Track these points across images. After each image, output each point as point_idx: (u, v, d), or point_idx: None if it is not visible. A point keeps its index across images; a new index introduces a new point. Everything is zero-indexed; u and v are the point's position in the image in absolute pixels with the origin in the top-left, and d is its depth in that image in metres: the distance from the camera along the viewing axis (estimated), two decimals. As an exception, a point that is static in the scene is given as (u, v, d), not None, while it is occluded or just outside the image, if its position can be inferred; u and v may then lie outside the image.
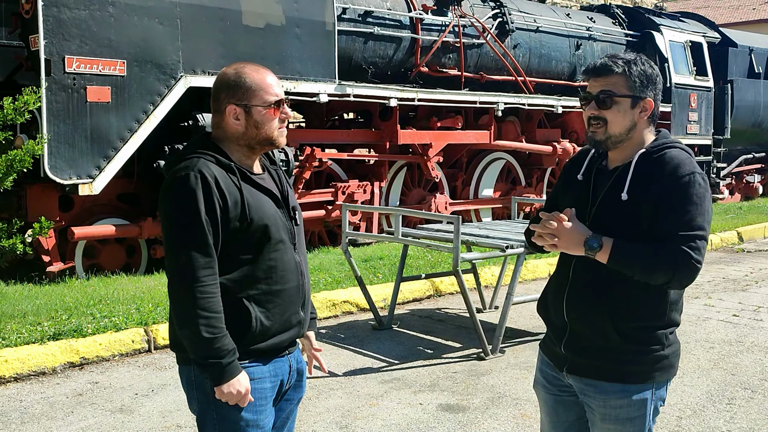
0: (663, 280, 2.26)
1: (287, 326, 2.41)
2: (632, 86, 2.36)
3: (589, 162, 2.49)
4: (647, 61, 2.41)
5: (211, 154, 2.32)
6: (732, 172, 16.24)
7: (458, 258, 5.50)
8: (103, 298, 6.27)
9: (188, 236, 2.23)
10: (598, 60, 2.43)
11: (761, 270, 9.07)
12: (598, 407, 2.41)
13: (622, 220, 2.32)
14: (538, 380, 2.61)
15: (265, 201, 2.37)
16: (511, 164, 11.95)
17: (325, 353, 5.61)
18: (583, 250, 2.31)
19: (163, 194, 2.30)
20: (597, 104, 2.37)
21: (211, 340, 2.20)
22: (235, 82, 2.37)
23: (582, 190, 2.45)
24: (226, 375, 2.23)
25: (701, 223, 2.27)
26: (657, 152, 2.36)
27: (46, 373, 5.10)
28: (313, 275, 7.43)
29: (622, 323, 2.33)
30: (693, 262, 2.23)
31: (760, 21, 31.56)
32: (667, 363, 2.40)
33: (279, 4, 8.31)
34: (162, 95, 7.40)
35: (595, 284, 2.36)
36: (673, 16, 15.12)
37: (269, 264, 2.35)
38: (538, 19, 11.94)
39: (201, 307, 2.20)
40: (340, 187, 9.51)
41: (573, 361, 2.43)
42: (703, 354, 5.65)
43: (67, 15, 6.80)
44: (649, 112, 2.39)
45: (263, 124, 2.38)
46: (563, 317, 2.43)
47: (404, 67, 10.25)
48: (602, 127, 2.37)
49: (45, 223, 6.14)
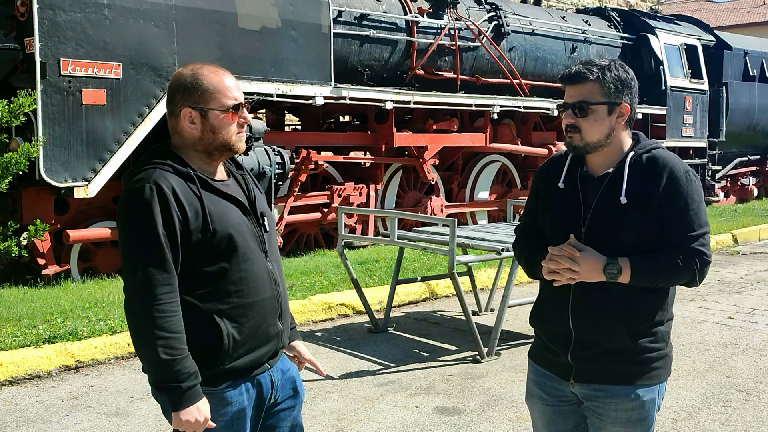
0: (685, 281, 2.34)
1: (265, 340, 2.29)
2: (607, 92, 2.36)
3: (569, 169, 2.47)
4: (621, 65, 2.42)
5: (167, 163, 2.20)
6: (727, 174, 16.29)
7: (454, 261, 5.51)
8: (99, 301, 6.26)
9: (145, 252, 2.11)
10: (573, 67, 2.42)
11: (756, 272, 9.10)
12: (609, 411, 2.39)
13: (620, 224, 2.33)
14: (534, 393, 2.57)
15: (230, 209, 2.25)
16: (506, 167, 11.97)
17: (321, 356, 5.62)
18: (604, 276, 2.31)
19: (119, 209, 2.19)
20: (573, 112, 2.38)
21: (170, 362, 2.08)
22: (191, 84, 2.25)
23: (569, 197, 2.43)
24: (185, 400, 2.10)
25: (704, 218, 2.35)
26: (646, 154, 2.39)
27: (41, 377, 5.09)
28: (309, 278, 7.42)
29: (634, 324, 2.35)
30: (706, 258, 2.32)
31: (755, 24, 31.65)
32: (669, 360, 2.44)
33: (275, 6, 8.32)
34: (158, 98, 7.40)
35: (601, 289, 2.35)
36: (668, 18, 15.16)
37: (239, 275, 2.22)
38: (533, 22, 11.97)
39: (159, 327, 2.07)
40: (335, 189, 9.51)
41: (581, 369, 2.41)
42: (698, 356, 5.66)
43: (62, 18, 6.79)
44: (626, 116, 2.41)
45: (220, 129, 2.25)
46: (568, 326, 2.40)
47: (400, 70, 10.27)
48: (578, 135, 2.38)
49: (40, 225, 6.13)
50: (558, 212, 2.42)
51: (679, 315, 6.89)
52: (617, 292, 2.34)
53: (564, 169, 2.47)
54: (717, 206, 15.23)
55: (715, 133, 15.13)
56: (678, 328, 6.45)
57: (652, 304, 2.37)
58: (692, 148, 14.75)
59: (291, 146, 8.92)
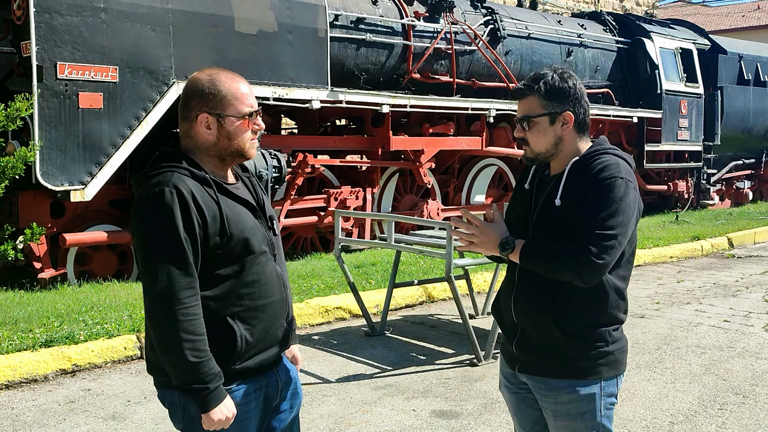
0: (568, 277, 2.35)
1: (273, 341, 2.35)
2: (545, 104, 2.46)
3: (534, 171, 2.62)
4: (562, 74, 2.49)
5: (184, 167, 2.22)
6: (722, 178, 16.33)
7: (451, 264, 5.52)
8: (95, 305, 6.25)
9: (167, 256, 2.12)
10: (520, 83, 2.56)
11: (751, 276, 9.12)
12: (550, 404, 2.50)
13: (556, 225, 2.43)
14: (501, 381, 2.72)
15: (244, 212, 2.29)
16: (502, 170, 11.99)
17: (318, 360, 5.62)
18: (497, 250, 2.45)
19: (136, 211, 2.19)
20: (521, 126, 2.51)
21: (197, 365, 2.11)
22: (209, 90, 2.27)
23: (527, 198, 2.58)
24: (213, 401, 2.14)
25: (613, 224, 2.33)
26: (590, 159, 2.46)
27: (37, 381, 5.08)
28: (306, 281, 7.42)
29: (564, 322, 2.42)
30: (593, 259, 2.31)
31: (750, 28, 31.76)
32: (613, 359, 2.47)
33: (271, 10, 8.33)
34: (154, 101, 7.40)
35: (537, 285, 2.45)
36: (663, 23, 15.20)
37: (252, 278, 2.27)
38: (529, 26, 12.00)
39: (185, 330, 2.10)
40: (332, 193, 9.51)
41: (524, 360, 2.53)
42: (695, 359, 5.68)
43: (59, 21, 6.79)
44: (570, 123, 2.48)
45: (236, 136, 2.29)
46: (512, 318, 2.54)
47: (396, 74, 10.28)
48: (528, 147, 2.52)
49: (37, 229, 6.13)
50: (518, 210, 2.59)
51: (675, 318, 6.91)
52: (546, 289, 2.43)
53: (531, 171, 2.64)
54: (712, 210, 15.27)
55: (710, 136, 15.17)
56: (674, 331, 6.46)
57: (582, 304, 2.41)
58: (687, 152, 14.79)
59: (288, 150, 8.93)
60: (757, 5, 35.70)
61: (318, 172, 9.40)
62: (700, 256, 10.65)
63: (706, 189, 15.49)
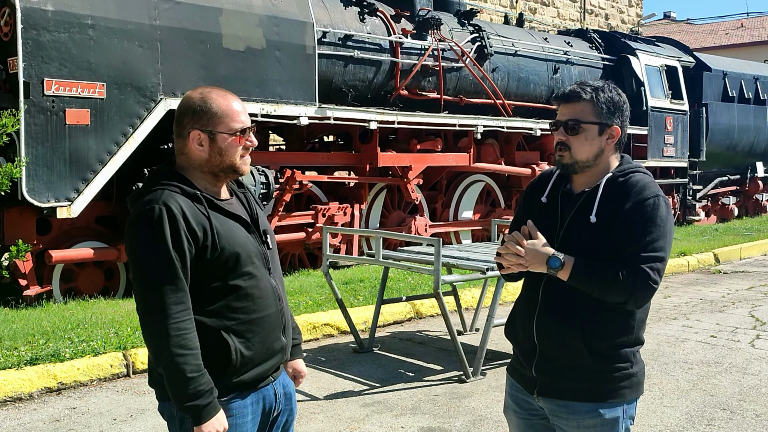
0: (621, 299, 2.32)
1: (270, 354, 2.37)
2: (599, 113, 2.42)
3: (553, 185, 2.54)
4: (615, 88, 2.47)
5: (175, 184, 2.27)
6: (708, 194, 16.45)
7: (439, 280, 5.52)
8: (81, 322, 6.21)
9: (158, 273, 2.17)
10: (568, 87, 2.49)
11: (738, 291, 9.16)
12: (572, 428, 2.43)
13: (589, 242, 2.38)
14: (509, 405, 2.63)
15: (236, 228, 2.32)
16: (490, 186, 12.02)
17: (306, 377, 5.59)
18: (545, 267, 2.36)
19: (129, 230, 2.24)
20: (565, 130, 2.43)
21: (190, 380, 2.15)
22: (200, 107, 2.31)
23: (548, 212, 2.51)
24: (206, 415, 2.18)
25: (662, 245, 2.33)
26: (623, 176, 2.43)
27: (22, 399, 5.03)
28: (294, 298, 7.40)
29: (593, 343, 2.37)
30: (650, 283, 2.30)
31: (734, 45, 32.11)
32: (636, 381, 2.45)
33: (259, 27, 8.35)
34: (142, 118, 7.39)
35: (565, 305, 2.40)
36: (648, 40, 15.35)
37: (245, 292, 2.30)
38: (516, 43, 12.08)
39: (177, 345, 2.15)
40: (320, 209, 9.51)
41: (544, 384, 2.46)
42: (682, 375, 5.69)
43: (46, 37, 6.78)
44: (615, 138, 2.46)
45: (227, 152, 2.32)
46: (533, 340, 2.46)
47: (384, 90, 10.31)
48: (568, 153, 2.44)
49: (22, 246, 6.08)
50: (537, 225, 2.48)
51: (662, 334, 6.93)
52: (575, 309, 2.38)
53: (549, 185, 2.55)
54: (698, 225, 15.36)
55: (695, 153, 15.29)
56: (661, 346, 6.48)
57: (611, 324, 2.38)
58: (673, 168, 14.89)
59: (275, 166, 8.93)
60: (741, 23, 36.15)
61: (306, 188, 9.40)
62: (686, 271, 10.70)
63: (692, 205, 15.58)
